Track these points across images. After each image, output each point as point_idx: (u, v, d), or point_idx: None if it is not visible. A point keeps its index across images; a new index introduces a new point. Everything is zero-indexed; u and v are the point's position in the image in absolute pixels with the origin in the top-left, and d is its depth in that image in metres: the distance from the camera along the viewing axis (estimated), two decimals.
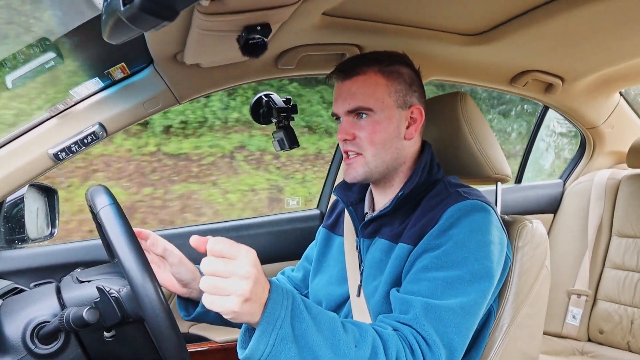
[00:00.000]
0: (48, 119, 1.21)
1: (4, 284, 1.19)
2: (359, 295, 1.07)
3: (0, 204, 1.29)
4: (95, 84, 1.22)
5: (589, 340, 2.00)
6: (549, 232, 2.23)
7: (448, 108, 1.23)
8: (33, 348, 0.82)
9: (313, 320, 0.76)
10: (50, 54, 1.11)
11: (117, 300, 0.82)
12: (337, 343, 0.77)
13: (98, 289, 0.81)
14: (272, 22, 0.91)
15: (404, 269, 0.98)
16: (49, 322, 0.83)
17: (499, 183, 1.31)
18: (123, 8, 0.57)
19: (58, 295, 0.88)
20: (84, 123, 1.22)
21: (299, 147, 1.47)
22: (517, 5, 1.19)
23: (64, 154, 1.20)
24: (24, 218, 1.30)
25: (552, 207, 2.27)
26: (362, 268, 1.09)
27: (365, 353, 0.79)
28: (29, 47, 1.09)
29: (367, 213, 1.16)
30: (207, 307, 0.69)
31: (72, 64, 1.20)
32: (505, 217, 1.16)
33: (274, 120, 1.46)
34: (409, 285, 0.93)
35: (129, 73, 1.24)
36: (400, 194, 1.03)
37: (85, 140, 1.21)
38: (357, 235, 1.14)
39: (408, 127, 1.06)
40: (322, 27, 1.20)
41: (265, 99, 1.45)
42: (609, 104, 2.11)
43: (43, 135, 1.19)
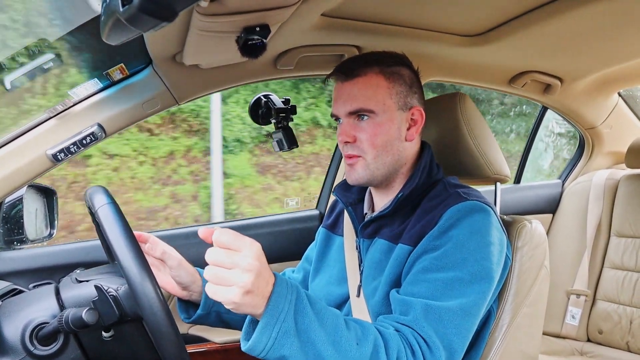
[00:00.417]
0: (47, 120, 1.20)
1: (3, 285, 1.19)
2: (359, 296, 1.07)
3: None
4: (94, 85, 1.22)
5: (588, 341, 2.00)
6: (548, 232, 2.23)
7: (447, 109, 1.23)
8: (32, 349, 0.81)
9: (316, 316, 0.76)
10: (49, 55, 1.11)
11: (115, 299, 0.82)
12: (339, 339, 0.77)
13: (96, 288, 0.81)
14: (271, 23, 0.91)
15: (404, 270, 0.98)
16: (48, 323, 0.83)
17: (498, 183, 1.31)
18: (122, 9, 0.57)
19: (57, 296, 0.88)
20: (83, 124, 1.22)
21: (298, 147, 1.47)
22: (515, 7, 1.19)
23: (63, 155, 1.20)
24: (23, 219, 1.30)
25: (551, 207, 2.27)
26: (361, 268, 1.09)
27: (367, 351, 0.79)
28: (28, 47, 1.09)
29: (366, 213, 1.16)
30: (209, 295, 0.70)
31: (70, 65, 1.20)
32: (505, 217, 1.16)
33: (273, 121, 1.46)
34: (409, 287, 0.94)
35: (128, 74, 1.24)
36: (400, 195, 1.03)
37: (84, 141, 1.21)
38: (356, 236, 1.14)
39: (409, 128, 1.06)
40: (321, 28, 1.20)
41: (264, 100, 1.45)
42: (608, 105, 2.11)
43: (42, 136, 1.19)
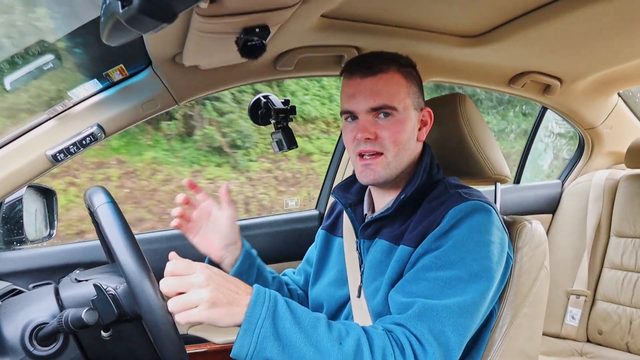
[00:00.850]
0: (46, 121, 1.21)
1: (3, 286, 1.19)
2: (360, 297, 1.07)
3: None
4: (94, 86, 1.22)
5: (588, 341, 2.00)
6: (548, 232, 2.23)
7: (447, 109, 1.23)
8: (32, 349, 0.81)
9: (295, 320, 0.80)
10: (49, 56, 1.11)
11: (114, 298, 0.82)
12: (320, 340, 0.80)
13: (95, 287, 0.81)
14: (270, 24, 0.91)
15: (405, 271, 0.98)
16: (48, 323, 0.83)
17: (498, 183, 1.31)
18: (122, 10, 0.57)
19: (57, 297, 0.88)
20: (83, 124, 1.22)
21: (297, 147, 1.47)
22: (515, 7, 1.19)
23: (63, 155, 1.20)
24: (23, 219, 1.30)
25: (550, 207, 2.28)
26: (362, 269, 1.09)
27: (350, 350, 0.81)
28: (28, 48, 1.09)
29: (366, 214, 1.16)
30: (182, 322, 0.76)
31: (70, 66, 1.20)
32: (505, 217, 1.16)
33: (273, 122, 1.46)
34: (408, 285, 0.94)
35: (128, 74, 1.24)
36: (403, 196, 1.03)
37: (84, 142, 1.21)
38: (356, 237, 1.13)
39: (420, 129, 1.08)
40: (320, 29, 1.20)
41: (264, 100, 1.45)
42: (607, 105, 2.12)
43: (41, 137, 1.19)
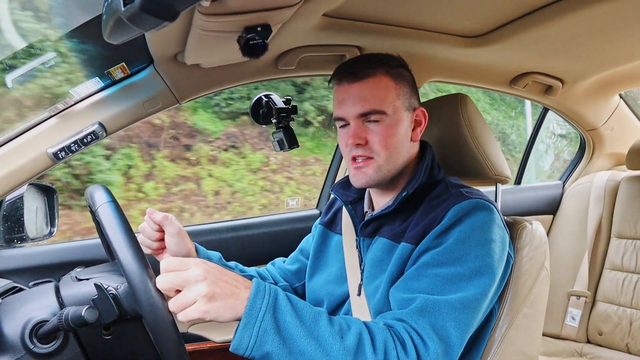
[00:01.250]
0: (48, 119, 1.21)
1: (3, 283, 1.19)
2: (360, 295, 1.07)
3: (0, 203, 1.29)
4: (95, 84, 1.22)
5: (588, 342, 2.00)
6: (548, 233, 2.23)
7: (448, 109, 1.23)
8: (32, 347, 0.81)
9: (296, 313, 0.79)
10: (51, 54, 1.11)
11: (115, 297, 0.82)
12: (321, 334, 0.79)
13: (96, 286, 0.81)
14: (272, 23, 0.91)
15: (406, 268, 0.98)
16: (48, 321, 0.83)
17: (499, 184, 1.31)
18: (124, 8, 0.57)
19: (57, 294, 0.88)
20: (84, 122, 1.22)
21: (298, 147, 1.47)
22: (517, 8, 1.19)
23: (64, 154, 1.20)
24: (23, 217, 1.30)
25: (551, 208, 2.27)
26: (362, 267, 1.09)
27: (351, 344, 0.80)
28: (30, 46, 1.09)
29: (366, 212, 1.16)
30: (183, 320, 0.75)
31: (72, 64, 1.20)
32: (505, 218, 1.16)
33: (274, 121, 1.46)
34: (409, 282, 0.94)
35: (129, 73, 1.24)
36: (405, 194, 1.03)
37: (85, 140, 1.21)
38: (356, 234, 1.14)
39: (414, 129, 1.07)
40: (322, 28, 1.20)
41: (265, 100, 1.45)
42: (609, 106, 2.11)
43: (43, 135, 1.19)
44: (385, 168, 1.04)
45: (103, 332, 0.85)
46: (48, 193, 1.43)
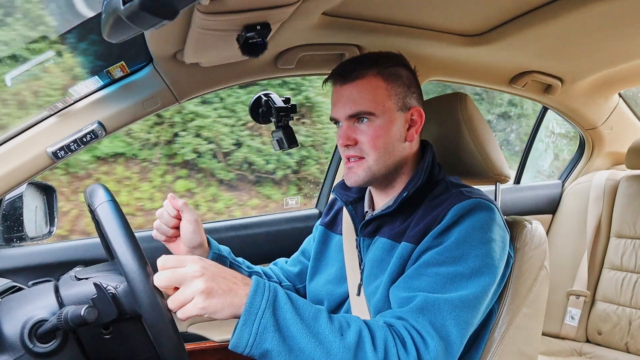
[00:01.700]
0: (47, 118, 1.20)
1: (2, 282, 1.19)
2: (359, 295, 1.07)
3: None
4: (95, 83, 1.22)
5: (588, 341, 2.01)
6: (548, 232, 2.23)
7: (448, 108, 1.23)
8: (31, 346, 0.81)
9: (296, 310, 0.79)
10: (50, 52, 1.11)
11: (114, 297, 0.82)
12: (321, 332, 0.79)
13: (95, 286, 0.81)
14: (272, 21, 0.91)
15: (406, 268, 0.98)
16: (47, 320, 0.82)
17: (498, 183, 1.31)
18: (123, 7, 0.57)
19: (56, 294, 0.87)
20: (83, 121, 1.22)
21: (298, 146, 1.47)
22: (516, 7, 1.19)
23: (63, 153, 1.20)
24: (23, 216, 1.30)
25: (551, 207, 2.27)
26: (362, 267, 1.09)
27: (351, 341, 0.80)
28: (29, 44, 1.09)
29: (367, 212, 1.16)
30: (182, 317, 0.75)
31: (71, 62, 1.20)
32: (505, 217, 1.16)
33: (273, 120, 1.46)
34: (410, 281, 0.94)
35: (129, 72, 1.23)
36: (405, 194, 1.03)
37: (85, 139, 1.21)
38: (356, 234, 1.14)
39: (408, 129, 1.06)
40: (322, 27, 1.20)
41: (265, 99, 1.45)
42: (608, 105, 2.12)
43: (42, 134, 1.19)
44: (375, 168, 1.04)
45: (102, 331, 0.85)
46: (47, 192, 1.43)
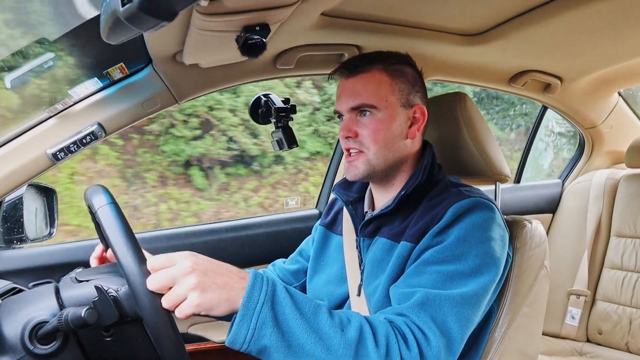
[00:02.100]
0: (47, 119, 1.21)
1: (3, 284, 1.19)
2: (359, 295, 1.07)
3: None
4: (94, 84, 1.22)
5: (588, 341, 2.00)
6: (548, 232, 2.23)
7: (447, 108, 1.23)
8: (32, 348, 0.81)
9: (295, 306, 0.77)
10: (49, 54, 1.11)
11: (115, 300, 0.82)
12: (322, 327, 0.78)
13: (96, 288, 0.81)
14: (271, 22, 0.91)
15: (406, 267, 0.98)
16: (48, 322, 0.83)
17: (498, 183, 1.31)
18: (122, 8, 0.57)
19: (57, 295, 0.87)
20: (83, 123, 1.22)
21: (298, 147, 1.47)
22: (515, 6, 1.19)
23: (63, 154, 1.20)
24: (23, 218, 1.30)
25: (551, 207, 2.27)
26: (362, 267, 1.09)
27: (352, 337, 0.79)
28: (28, 47, 1.09)
29: (367, 212, 1.16)
30: (180, 317, 0.73)
31: (70, 64, 1.20)
32: (505, 217, 1.16)
33: (273, 120, 1.46)
34: (410, 279, 0.94)
35: (128, 73, 1.24)
36: (403, 193, 1.03)
37: (84, 140, 1.21)
38: (357, 235, 1.14)
39: (410, 126, 1.07)
40: (321, 27, 1.20)
41: (264, 99, 1.45)
42: (608, 104, 2.11)
43: (42, 135, 1.19)
44: (375, 161, 1.05)
45: (103, 333, 0.85)
46: (47, 194, 1.43)
